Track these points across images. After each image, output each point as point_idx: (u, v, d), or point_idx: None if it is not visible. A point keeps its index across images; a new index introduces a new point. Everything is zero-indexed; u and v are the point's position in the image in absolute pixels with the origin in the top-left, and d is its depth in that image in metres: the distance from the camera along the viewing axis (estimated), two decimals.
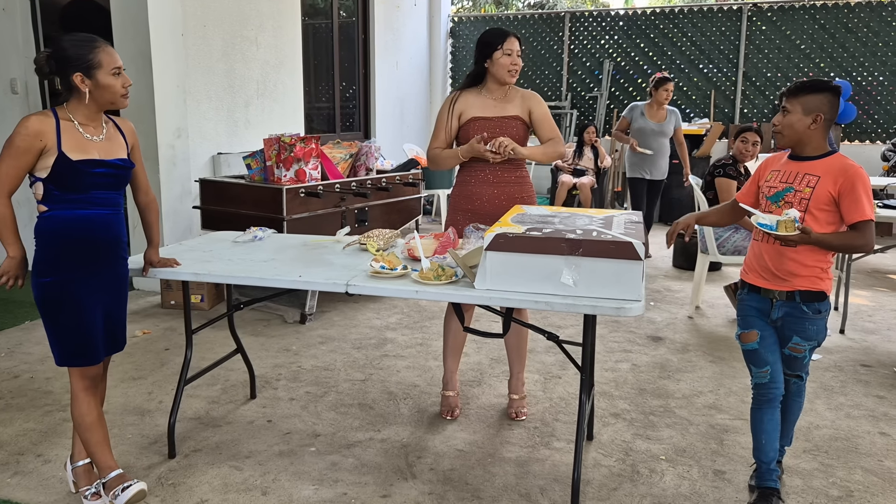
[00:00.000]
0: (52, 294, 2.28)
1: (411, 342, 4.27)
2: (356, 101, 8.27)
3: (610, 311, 2.20)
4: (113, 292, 2.41)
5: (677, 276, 6.00)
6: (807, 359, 2.55)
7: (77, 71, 2.24)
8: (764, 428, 2.51)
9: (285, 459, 2.86)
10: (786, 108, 2.40)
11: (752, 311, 2.52)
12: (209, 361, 3.34)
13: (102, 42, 2.29)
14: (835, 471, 2.80)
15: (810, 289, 2.41)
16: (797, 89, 2.39)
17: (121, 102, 2.33)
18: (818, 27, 8.35)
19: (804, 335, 2.47)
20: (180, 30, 5.15)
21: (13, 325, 4.48)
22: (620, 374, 3.78)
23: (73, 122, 2.28)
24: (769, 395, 2.50)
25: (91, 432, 2.41)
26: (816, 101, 2.35)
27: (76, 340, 2.32)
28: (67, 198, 2.27)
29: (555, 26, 9.50)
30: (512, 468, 2.80)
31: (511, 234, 2.27)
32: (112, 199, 2.37)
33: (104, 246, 2.35)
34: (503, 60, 3.04)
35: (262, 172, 4.75)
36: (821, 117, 2.36)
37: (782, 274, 2.42)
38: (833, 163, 2.37)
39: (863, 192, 2.31)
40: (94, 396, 2.42)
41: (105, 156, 2.32)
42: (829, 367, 3.91)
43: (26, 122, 2.21)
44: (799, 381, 2.61)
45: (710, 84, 8.88)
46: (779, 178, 2.46)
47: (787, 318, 2.46)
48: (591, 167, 8.28)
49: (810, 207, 2.36)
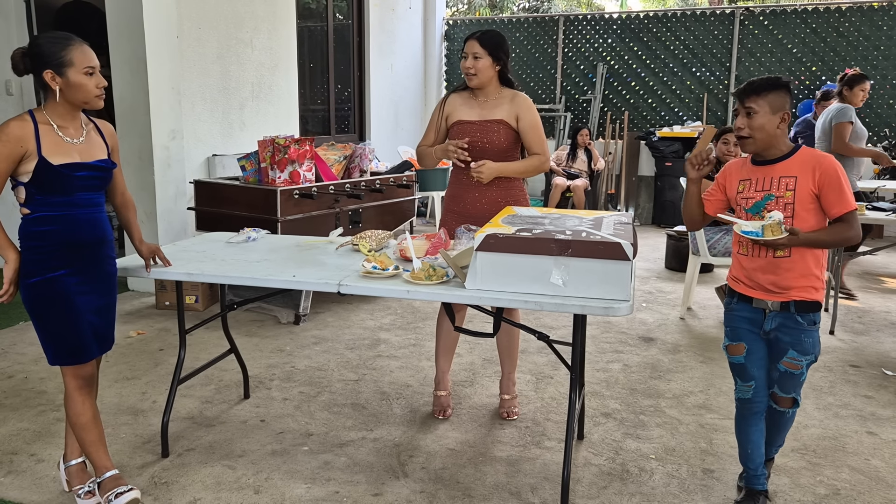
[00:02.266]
0: (41, 294, 2.28)
1: (404, 343, 4.29)
2: (351, 104, 8.30)
3: (599, 310, 2.23)
4: (101, 292, 2.41)
5: (669, 278, 6.04)
6: (803, 376, 2.38)
7: (48, 68, 2.19)
8: (749, 438, 2.47)
9: (278, 458, 2.87)
10: (751, 109, 2.26)
11: (742, 321, 2.41)
12: (203, 361, 3.36)
13: (78, 41, 2.24)
14: (822, 469, 2.83)
15: (806, 298, 2.30)
16: (760, 87, 2.25)
17: (94, 103, 2.29)
18: (810, 31, 8.42)
19: (800, 348, 2.33)
20: (175, 32, 5.17)
21: (7, 325, 4.48)
22: (612, 375, 3.81)
23: (51, 126, 2.24)
24: (753, 409, 2.44)
25: (86, 431, 2.42)
26: (780, 100, 2.25)
27: (67, 339, 2.32)
28: (50, 201, 2.25)
29: (549, 29, 9.55)
30: (503, 467, 2.83)
31: (501, 235, 2.30)
32: (95, 199, 2.36)
33: (90, 246, 2.34)
34: (462, 64, 3.07)
35: (256, 174, 4.77)
36: (788, 115, 2.28)
37: (778, 288, 2.31)
38: (804, 157, 2.28)
39: (843, 182, 2.23)
40: (88, 396, 2.42)
41: (86, 158, 2.29)
42: (819, 367, 3.94)
43: (6, 128, 2.17)
44: (794, 410, 2.46)
45: (702, 87, 8.94)
46: (753, 186, 2.33)
47: (781, 329, 2.34)
48: (585, 170, 8.33)
49: (797, 210, 2.26)
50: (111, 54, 5.04)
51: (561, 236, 2.28)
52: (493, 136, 3.05)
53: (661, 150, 8.56)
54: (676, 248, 6.23)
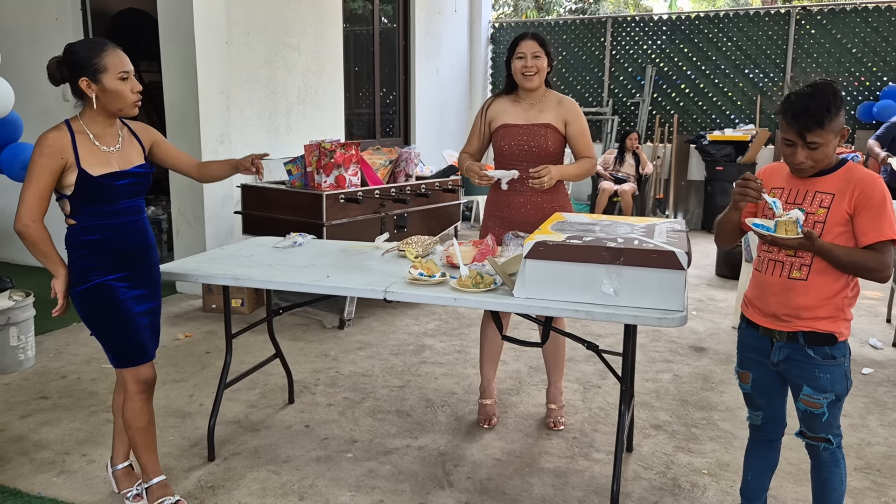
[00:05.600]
0: (92, 300, 2.29)
1: (449, 349, 4.25)
2: (396, 107, 8.31)
3: (652, 321, 2.16)
4: (149, 295, 2.42)
5: (720, 285, 5.88)
6: (826, 416, 2.06)
7: (83, 75, 2.18)
8: (751, 465, 2.31)
9: (322, 465, 2.86)
10: (814, 143, 1.95)
11: (749, 349, 2.20)
12: (249, 365, 3.37)
13: (111, 45, 2.22)
14: (888, 490, 2.69)
15: (816, 329, 2.02)
16: (822, 118, 1.93)
17: (129, 110, 2.26)
18: (870, 30, 8.11)
19: (815, 385, 2.05)
20: (224, 38, 5.24)
21: (61, 326, 4.59)
22: (661, 385, 3.71)
23: (87, 135, 2.23)
24: (763, 437, 2.28)
25: (140, 435, 2.43)
26: (841, 119, 1.96)
27: (124, 342, 2.34)
28: (97, 211, 2.25)
29: (596, 31, 9.42)
30: (550, 479, 2.76)
31: (551, 242, 2.24)
32: (138, 205, 2.37)
33: (137, 252, 2.36)
34: (516, 65, 3.00)
35: (302, 178, 4.79)
36: (847, 130, 2.02)
37: (788, 313, 2.05)
38: (846, 175, 2.00)
39: (886, 207, 1.94)
40: (147, 400, 2.43)
41: (124, 165, 2.29)
42: (882, 381, 3.77)
43: (45, 140, 2.16)
44: (829, 447, 2.11)
45: (755, 89, 8.69)
46: (785, 197, 2.08)
47: (790, 362, 2.08)
48: (633, 174, 8.18)
49: (826, 230, 1.98)
50: (162, 60, 5.13)
51: (613, 244, 2.21)
52: (541, 140, 3.00)
53: (711, 153, 8.35)
54: (728, 255, 6.06)
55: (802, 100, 1.96)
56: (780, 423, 2.25)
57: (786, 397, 2.20)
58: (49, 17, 5.72)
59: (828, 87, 1.97)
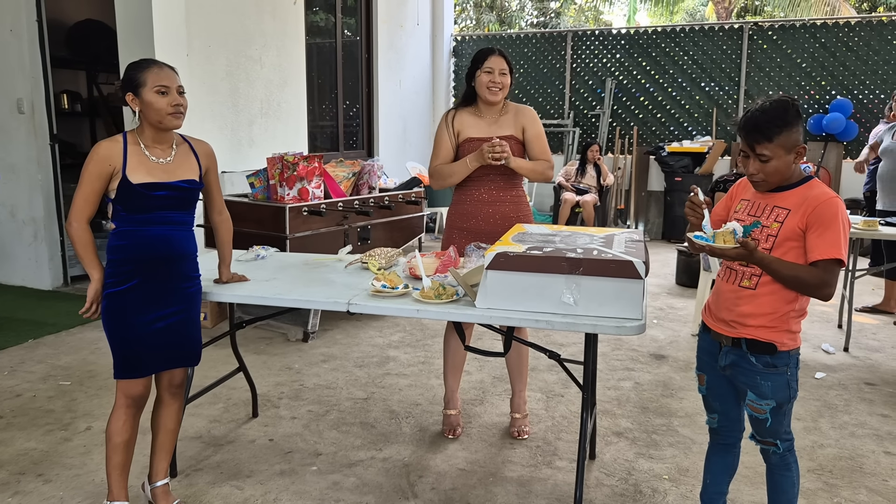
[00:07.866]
0: (106, 307, 2.33)
1: (413, 360, 4.26)
2: (359, 120, 8.32)
3: (611, 329, 2.20)
4: (174, 307, 2.39)
5: (680, 294, 6.00)
6: (770, 422, 2.13)
7: (129, 91, 2.31)
8: (710, 468, 2.37)
9: (286, 479, 2.85)
10: (763, 156, 2.01)
11: (704, 352, 2.28)
12: (211, 380, 3.34)
13: (157, 63, 2.34)
14: (839, 490, 2.78)
15: (758, 338, 2.08)
16: (770, 131, 1.99)
17: (167, 122, 2.31)
18: (819, 45, 8.39)
19: (757, 391, 2.11)
20: (185, 50, 5.20)
21: (16, 343, 4.48)
22: (623, 393, 3.77)
23: (139, 146, 2.33)
24: (721, 441, 2.33)
25: (117, 453, 2.40)
26: (794, 136, 2.01)
27: (121, 352, 2.35)
28: (133, 218, 2.32)
29: (557, 45, 9.57)
30: (514, 487, 2.79)
31: (512, 253, 2.28)
32: (177, 218, 2.40)
33: (166, 263, 2.37)
34: (482, 78, 3.05)
35: (265, 191, 4.77)
36: (804, 149, 2.05)
37: (734, 319, 2.12)
38: (805, 192, 2.05)
39: (836, 227, 1.97)
40: (132, 417, 2.41)
41: (168, 178, 2.34)
42: (833, 385, 3.89)
43: (97, 147, 2.29)
44: (776, 451, 2.18)
45: (711, 102, 8.92)
46: (747, 209, 2.16)
47: (735, 367, 2.15)
48: (594, 185, 8.31)
49: (777, 244, 2.03)
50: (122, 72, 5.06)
51: (572, 254, 2.26)
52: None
53: (670, 165, 8.55)
54: (687, 264, 6.19)
55: (756, 114, 2.03)
56: (736, 427, 2.31)
57: (739, 401, 2.27)
58: (3, 28, 5.61)
59: (783, 103, 2.02)
